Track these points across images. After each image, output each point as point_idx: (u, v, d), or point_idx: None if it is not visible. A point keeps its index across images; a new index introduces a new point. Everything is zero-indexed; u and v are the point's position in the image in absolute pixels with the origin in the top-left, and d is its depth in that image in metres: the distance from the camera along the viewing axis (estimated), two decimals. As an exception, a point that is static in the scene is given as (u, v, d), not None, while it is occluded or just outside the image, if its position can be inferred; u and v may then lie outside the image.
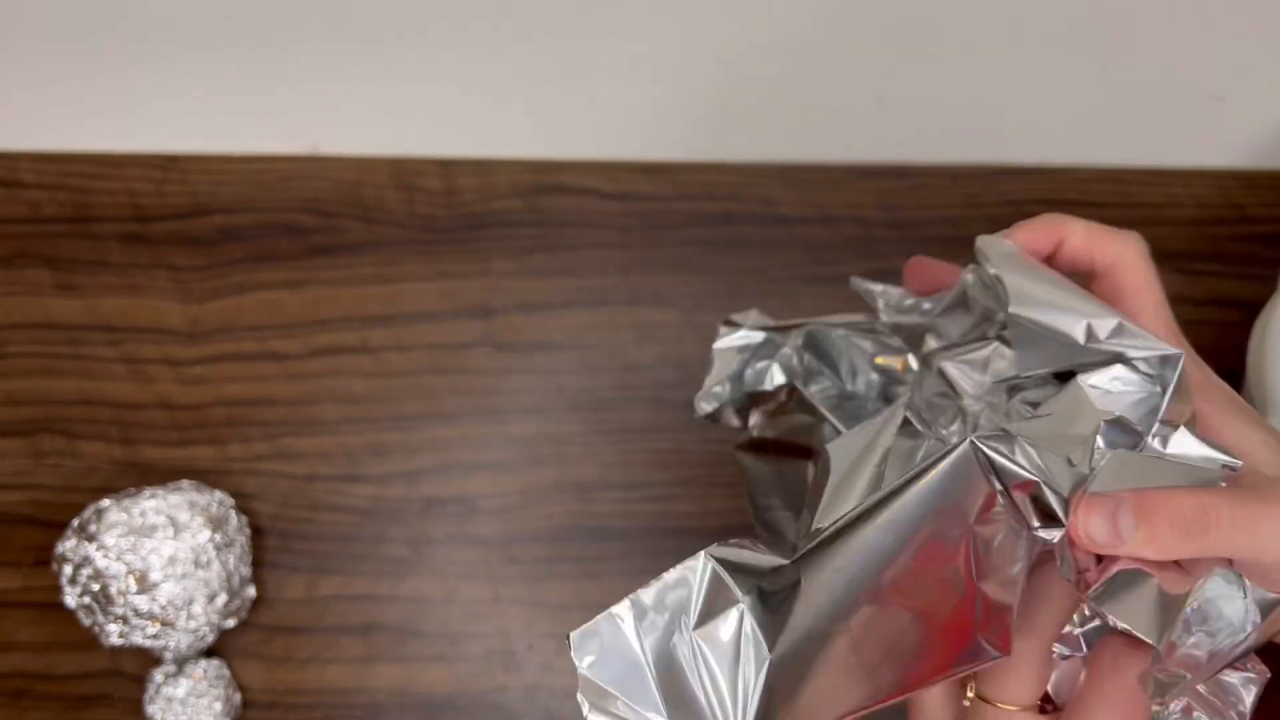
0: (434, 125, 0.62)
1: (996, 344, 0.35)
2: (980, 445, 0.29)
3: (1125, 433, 0.31)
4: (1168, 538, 0.29)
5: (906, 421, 0.35)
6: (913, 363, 0.39)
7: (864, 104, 0.62)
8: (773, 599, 0.29)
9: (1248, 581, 0.29)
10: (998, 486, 0.29)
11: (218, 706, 0.52)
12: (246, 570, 0.53)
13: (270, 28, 0.62)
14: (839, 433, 0.38)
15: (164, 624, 0.50)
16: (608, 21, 0.63)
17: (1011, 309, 0.33)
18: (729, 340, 0.41)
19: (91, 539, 0.50)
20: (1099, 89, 0.62)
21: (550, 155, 0.61)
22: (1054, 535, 0.30)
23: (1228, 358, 0.57)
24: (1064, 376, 0.33)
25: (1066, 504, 0.29)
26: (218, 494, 0.53)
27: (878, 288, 0.40)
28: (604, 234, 0.60)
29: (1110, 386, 0.32)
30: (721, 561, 0.30)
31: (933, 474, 0.29)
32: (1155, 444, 0.31)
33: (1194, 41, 0.62)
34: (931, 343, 0.38)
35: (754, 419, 0.42)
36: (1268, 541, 0.29)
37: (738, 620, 0.29)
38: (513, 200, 0.60)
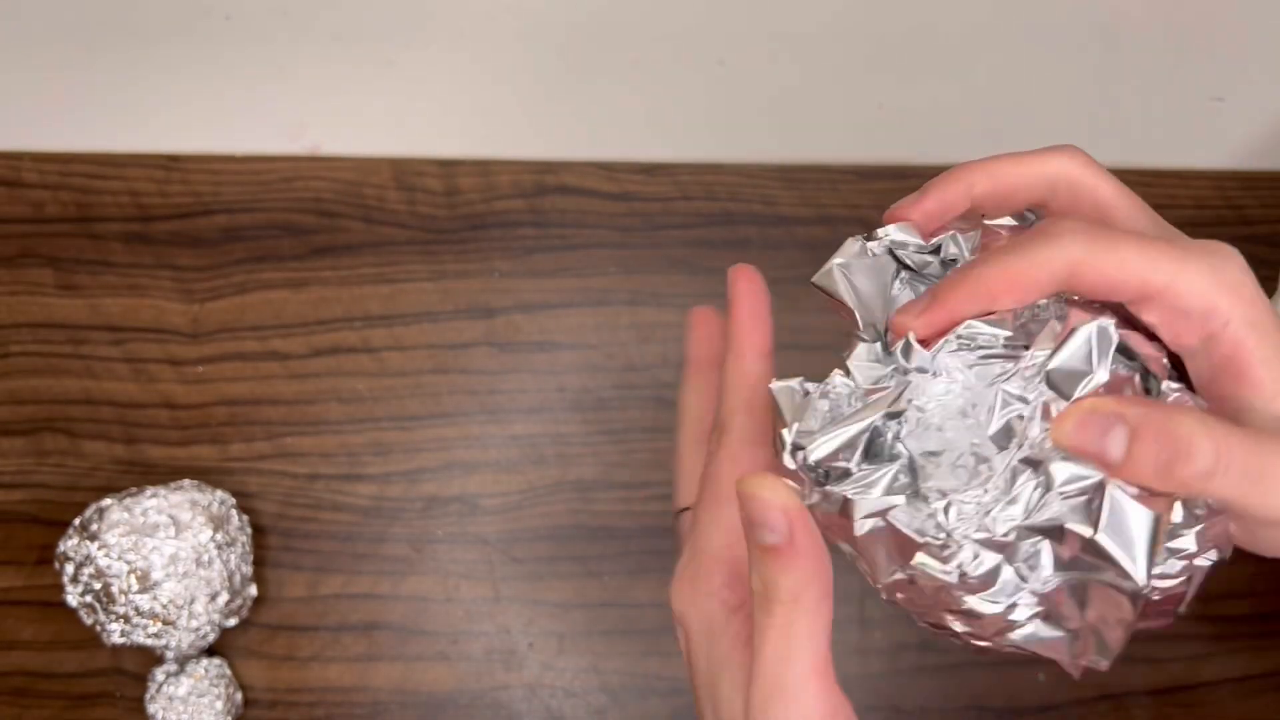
0: (435, 125, 0.62)
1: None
2: None
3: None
4: (1160, 469, 0.25)
5: None
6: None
7: (864, 107, 0.62)
8: None
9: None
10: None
11: (219, 705, 0.52)
12: (248, 569, 0.53)
13: (272, 28, 0.62)
14: None
15: (165, 623, 0.50)
16: (609, 22, 0.63)
17: None
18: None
19: (93, 538, 0.50)
20: (1098, 90, 0.62)
21: (550, 155, 0.61)
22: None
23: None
24: None
25: None
26: (219, 493, 0.53)
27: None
28: (604, 234, 0.60)
29: None
30: None
31: None
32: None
33: (1192, 43, 0.62)
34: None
35: None
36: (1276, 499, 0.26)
37: None
38: (513, 200, 0.60)
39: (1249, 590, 0.55)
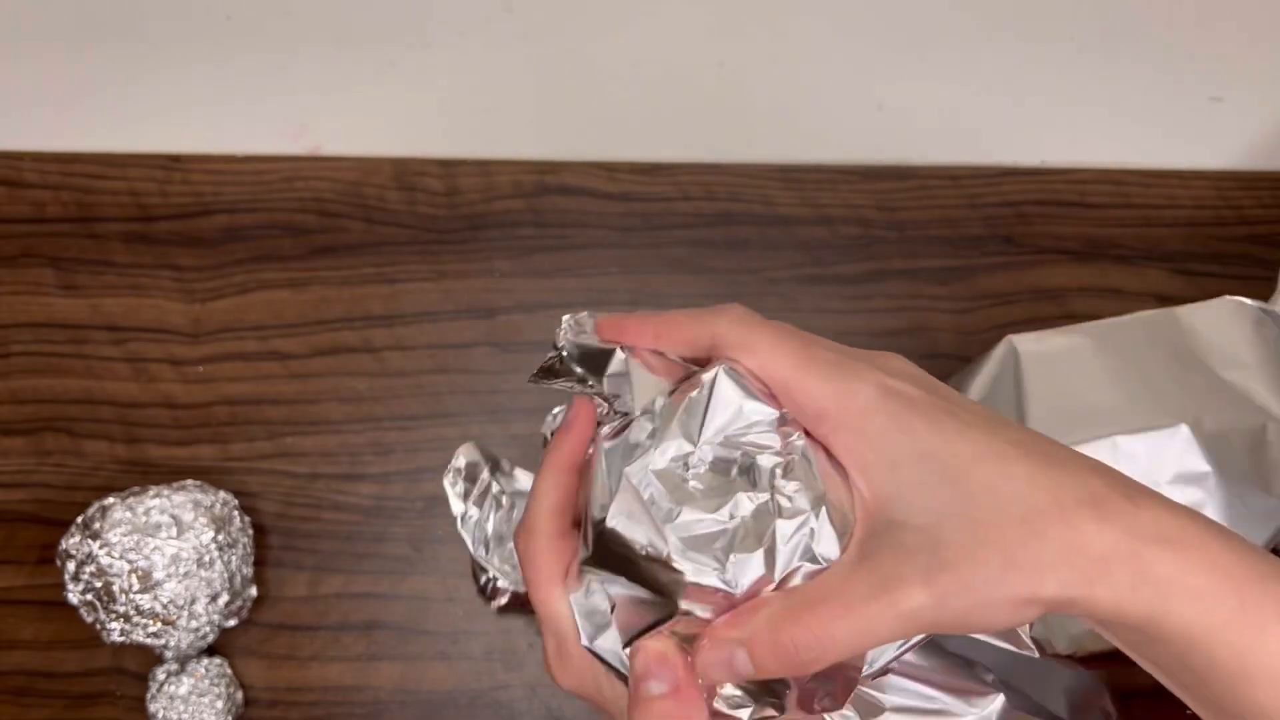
0: (435, 126, 0.62)
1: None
2: None
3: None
4: (784, 669, 0.30)
5: None
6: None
7: (864, 107, 0.62)
8: None
9: None
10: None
11: (219, 704, 0.52)
12: (249, 570, 0.53)
13: (273, 29, 0.62)
14: None
15: (165, 623, 0.50)
16: (609, 23, 0.63)
17: None
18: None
19: (95, 536, 0.50)
20: (1097, 91, 0.62)
21: (550, 155, 0.61)
22: None
23: (1225, 358, 0.57)
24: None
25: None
26: (222, 494, 0.53)
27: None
28: (604, 234, 0.60)
29: None
30: None
31: None
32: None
33: (1191, 44, 0.62)
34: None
35: None
36: (882, 632, 0.29)
37: None
38: (513, 200, 0.60)
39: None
